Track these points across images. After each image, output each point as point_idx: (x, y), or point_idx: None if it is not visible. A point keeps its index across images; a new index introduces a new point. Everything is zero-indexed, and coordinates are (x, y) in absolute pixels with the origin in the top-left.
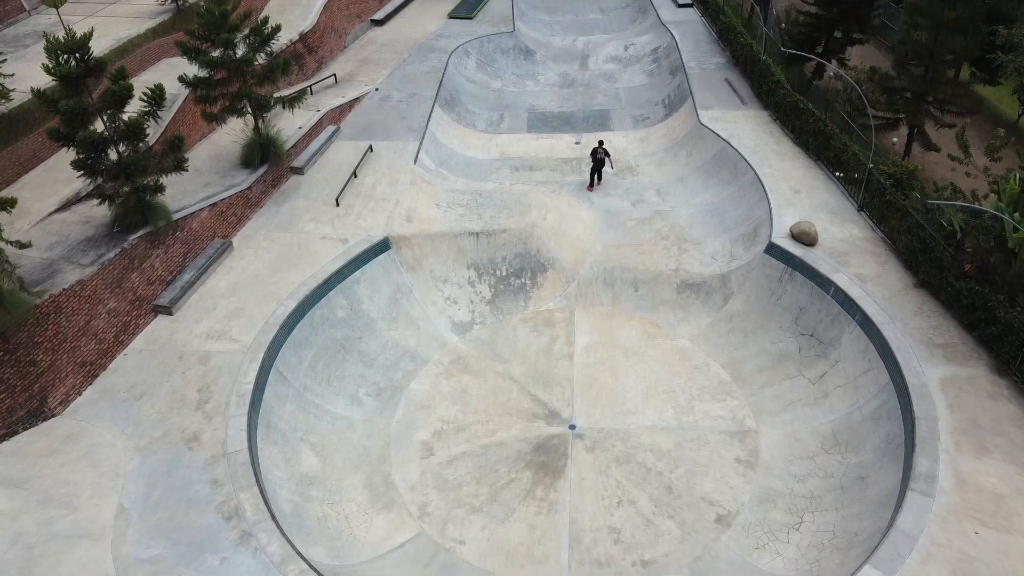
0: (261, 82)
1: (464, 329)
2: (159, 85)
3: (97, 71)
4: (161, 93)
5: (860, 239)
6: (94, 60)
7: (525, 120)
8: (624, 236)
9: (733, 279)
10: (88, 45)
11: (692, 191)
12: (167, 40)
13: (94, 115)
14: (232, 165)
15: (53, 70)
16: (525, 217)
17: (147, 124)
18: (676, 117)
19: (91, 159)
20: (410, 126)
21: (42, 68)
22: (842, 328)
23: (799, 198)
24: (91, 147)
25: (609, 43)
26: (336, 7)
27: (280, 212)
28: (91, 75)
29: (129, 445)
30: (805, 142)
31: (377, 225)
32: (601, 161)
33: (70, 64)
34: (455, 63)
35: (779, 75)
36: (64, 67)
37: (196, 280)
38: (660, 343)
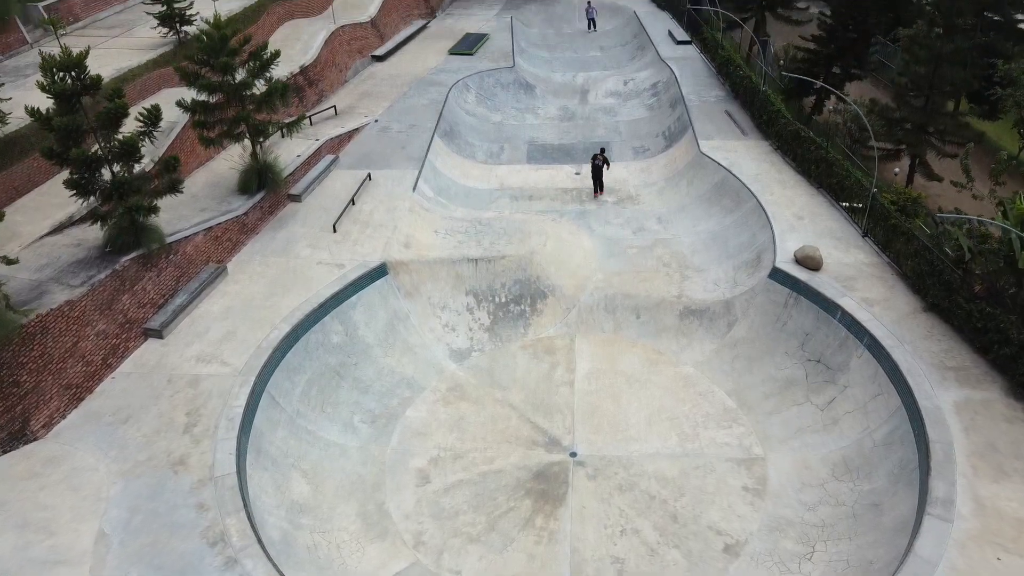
0: (259, 107)
1: (462, 356)
2: (155, 106)
3: (92, 89)
4: (157, 113)
5: (866, 264)
6: (90, 78)
7: (525, 152)
8: (625, 263)
9: (737, 305)
10: (84, 63)
11: (694, 219)
12: (167, 71)
13: (88, 133)
14: (229, 191)
15: (48, 87)
16: (525, 244)
17: (142, 144)
18: (677, 148)
19: (84, 178)
20: (409, 155)
21: (36, 85)
22: (850, 353)
23: (802, 224)
24: (84, 166)
25: (609, 78)
26: (337, 42)
27: (276, 238)
28: (86, 93)
29: (112, 469)
30: (807, 170)
31: (374, 251)
32: (599, 168)
33: (65, 81)
34: (455, 96)
35: (779, 105)
36: (59, 84)
37: (188, 304)
38: (663, 370)
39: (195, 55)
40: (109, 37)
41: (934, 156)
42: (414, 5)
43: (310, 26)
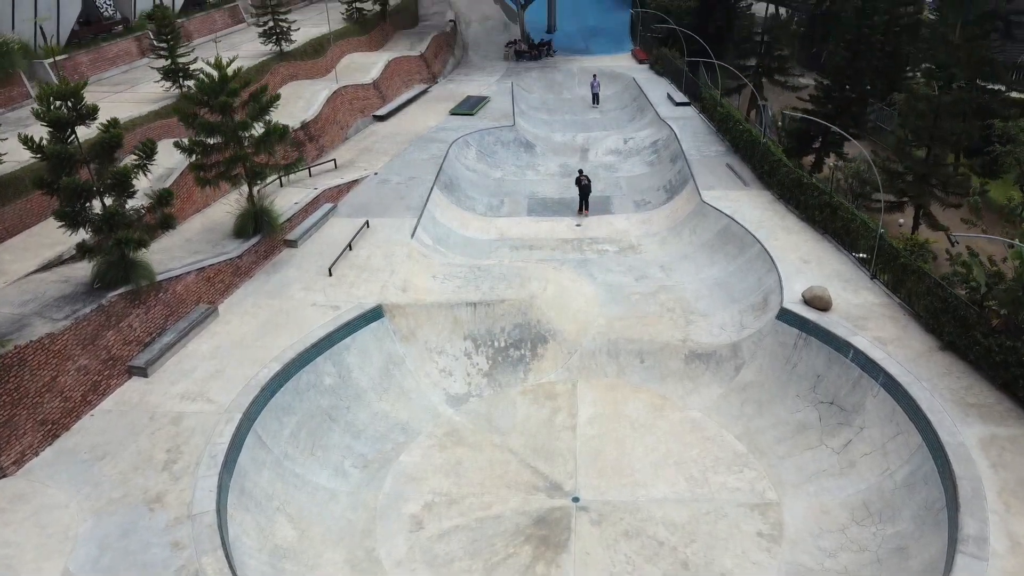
0: (257, 148)
1: (459, 401)
2: (150, 140)
3: (88, 118)
4: (152, 147)
5: (876, 304)
6: (85, 107)
7: (525, 205)
8: (628, 309)
9: (744, 348)
10: (81, 93)
11: (697, 267)
12: (169, 121)
13: (81, 164)
14: (224, 236)
15: (43, 115)
16: (525, 288)
17: (135, 176)
18: (678, 199)
19: (74, 209)
20: (408, 205)
21: (32, 113)
22: (865, 392)
23: (808, 267)
24: (75, 195)
25: (608, 137)
26: (339, 101)
27: (270, 281)
28: (81, 122)
29: (84, 506)
30: (811, 216)
31: (370, 294)
32: (587, 188)
33: (61, 110)
34: (455, 152)
35: (780, 154)
36: (54, 112)
37: (176, 343)
38: (669, 415)
39: (194, 96)
40: (113, 92)
41: (938, 207)
42: (416, 70)
43: (313, 86)
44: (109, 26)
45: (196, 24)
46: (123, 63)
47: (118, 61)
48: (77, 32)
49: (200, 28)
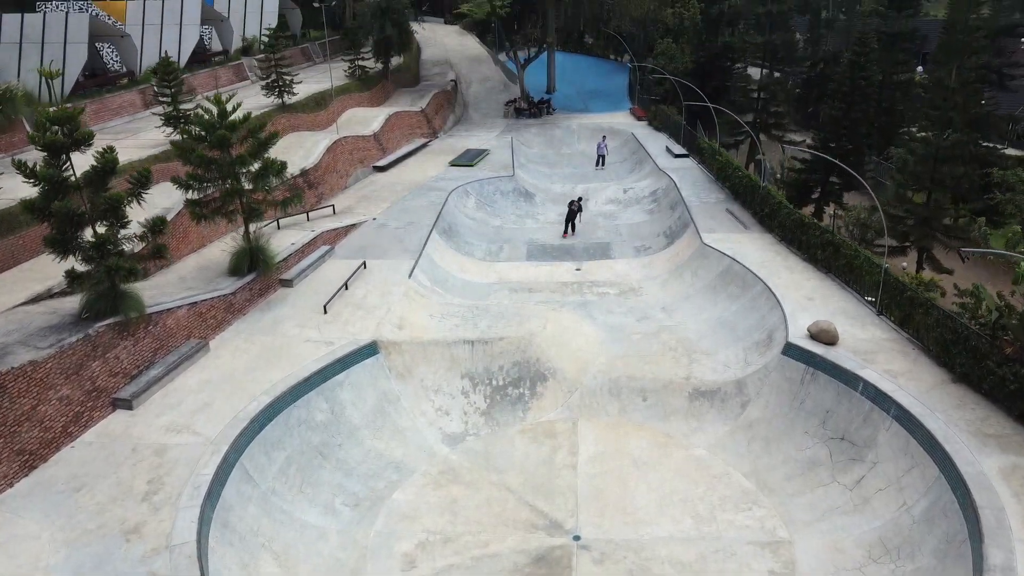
0: (254, 184)
1: (456, 440)
2: (146, 168)
3: (83, 143)
4: (147, 175)
5: (884, 339)
6: (81, 133)
7: (524, 251)
8: (629, 348)
9: (750, 384)
10: (77, 120)
11: (699, 307)
12: (169, 165)
13: (74, 189)
14: (219, 274)
15: (37, 139)
16: (524, 326)
17: (128, 204)
18: (679, 243)
19: (65, 235)
20: (406, 248)
21: (28, 138)
22: (876, 426)
23: (813, 304)
24: (67, 220)
25: (608, 188)
26: (339, 151)
27: (263, 319)
28: (76, 147)
29: (57, 537)
30: (813, 256)
31: (366, 331)
32: (574, 213)
33: (56, 135)
34: (455, 200)
35: (780, 197)
36: (50, 136)
37: (164, 376)
38: (673, 453)
39: (192, 130)
40: (114, 139)
41: (941, 250)
42: (416, 125)
43: (313, 136)
44: (114, 78)
45: (201, 80)
46: (126, 114)
47: (121, 112)
48: (82, 83)
49: (204, 84)
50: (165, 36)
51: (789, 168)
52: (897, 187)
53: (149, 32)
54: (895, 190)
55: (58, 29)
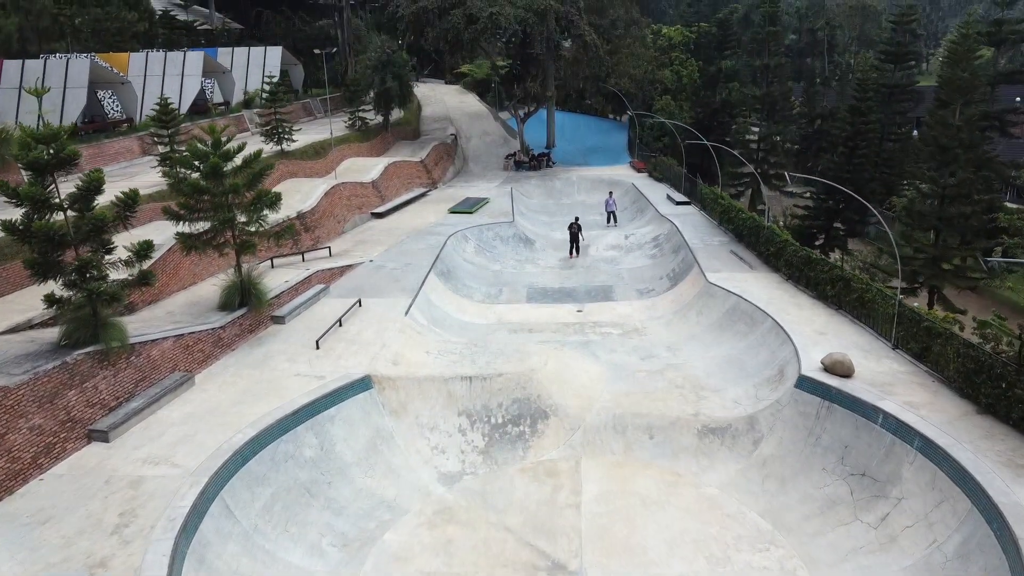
0: (247, 214)
1: (452, 480)
2: (134, 189)
3: (68, 163)
4: (135, 196)
5: (901, 372)
6: (67, 152)
7: (524, 294)
8: (634, 385)
9: (762, 420)
10: (63, 138)
11: (706, 346)
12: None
13: (57, 209)
14: (208, 309)
15: (21, 157)
16: (524, 363)
17: (114, 225)
18: (683, 284)
19: (46, 257)
20: (403, 287)
21: (11, 157)
22: (900, 460)
23: (825, 339)
24: (47, 241)
25: (609, 234)
26: (337, 196)
27: (253, 353)
28: (61, 167)
29: (16, 571)
30: (823, 292)
31: (359, 365)
32: (575, 234)
33: (41, 154)
34: (453, 245)
35: (786, 235)
36: (34, 154)
37: (145, 408)
38: (683, 492)
39: (185, 160)
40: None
41: (952, 289)
42: (416, 175)
43: (311, 182)
44: (113, 124)
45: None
46: (124, 159)
47: (119, 157)
48: (80, 128)
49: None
50: (167, 86)
51: (792, 216)
52: (904, 227)
53: (151, 82)
54: (902, 230)
55: (59, 74)
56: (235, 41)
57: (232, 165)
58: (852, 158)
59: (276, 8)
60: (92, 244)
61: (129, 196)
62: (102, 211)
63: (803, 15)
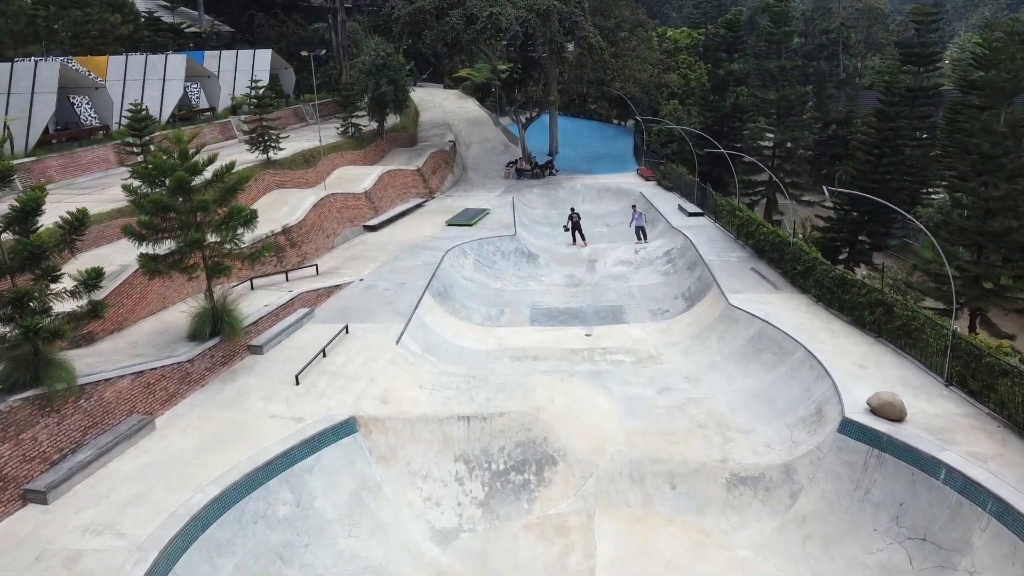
0: (220, 235)
1: (448, 538)
2: (83, 208)
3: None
4: (83, 217)
5: (959, 415)
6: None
7: (528, 315)
8: (651, 423)
9: (800, 469)
10: None
11: (729, 377)
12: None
13: None
14: (177, 339)
15: None
16: (528, 399)
17: (54, 249)
18: (700, 306)
19: None
20: (395, 311)
21: None
22: (969, 525)
23: (867, 373)
24: None
25: (617, 249)
26: (327, 208)
27: (225, 390)
28: None
29: None
30: (860, 317)
31: (343, 404)
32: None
33: None
34: (451, 261)
35: (814, 252)
36: None
37: (94, 460)
38: (711, 554)
39: (148, 173)
40: (78, 195)
41: (999, 312)
42: (412, 184)
43: (299, 193)
44: (88, 132)
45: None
46: (98, 169)
47: (92, 167)
48: (53, 136)
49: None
50: (147, 91)
51: (812, 227)
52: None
53: (131, 87)
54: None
55: (26, 78)
56: (226, 44)
57: (202, 179)
58: (878, 166)
59: (269, 10)
60: (32, 272)
61: (76, 217)
62: (41, 236)
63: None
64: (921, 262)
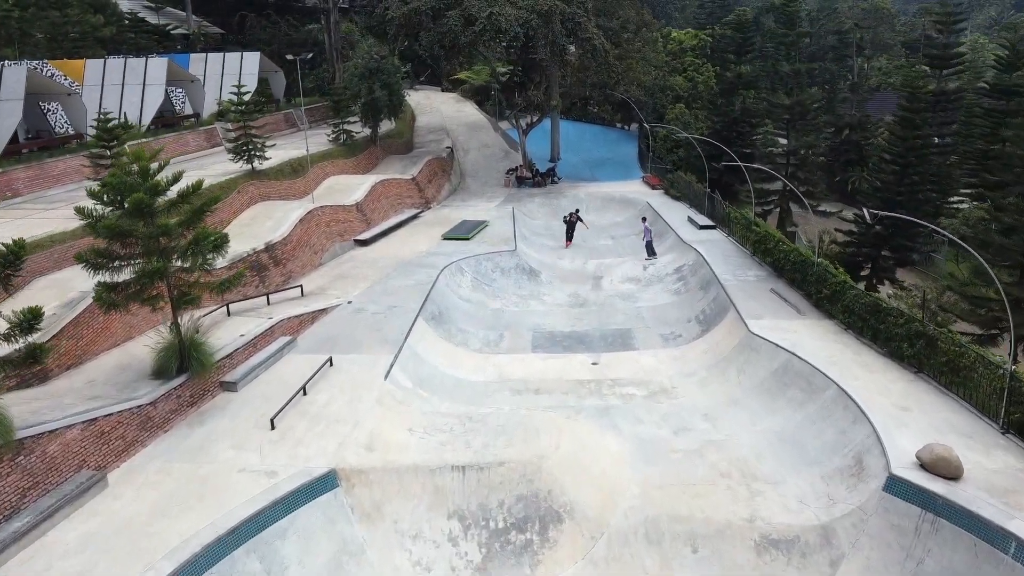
0: (185, 260)
1: None
2: (18, 240)
3: None
4: (19, 250)
5: (1021, 470)
6: None
7: (529, 339)
8: (668, 472)
9: (840, 532)
10: None
11: (753, 415)
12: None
13: None
14: (140, 376)
15: None
16: (531, 445)
17: None
18: (717, 331)
19: None
20: (385, 338)
21: None
22: None
23: (910, 417)
24: None
25: (624, 264)
26: (314, 222)
27: (191, 436)
28: None
29: None
30: (897, 350)
31: (323, 453)
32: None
33: None
34: (447, 279)
35: (842, 275)
36: None
37: (31, 529)
38: None
39: (103, 194)
40: (45, 209)
41: None
42: (406, 194)
43: (285, 206)
44: (61, 141)
45: (166, 145)
46: (70, 181)
47: (64, 179)
48: (23, 145)
49: (170, 149)
50: (127, 97)
51: (832, 241)
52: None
53: (109, 92)
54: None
55: None
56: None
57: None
58: (904, 177)
59: (261, 11)
60: None
61: (12, 249)
62: None
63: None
64: (954, 282)
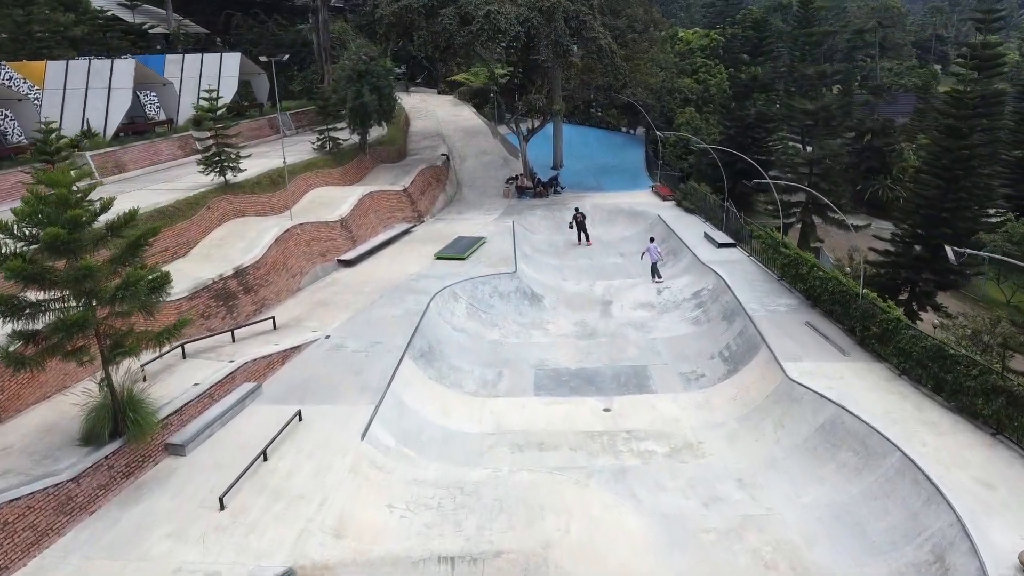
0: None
1: None
2: None
3: None
4: None
5: None
6: None
7: (531, 379)
8: (701, 562)
9: None
10: None
11: (796, 483)
12: None
13: None
14: (66, 441)
15: None
16: (534, 529)
17: None
18: (746, 373)
19: None
20: (364, 384)
21: None
22: None
23: (998, 497)
24: None
25: (636, 287)
26: (293, 242)
27: (122, 520)
28: None
29: None
30: (968, 405)
31: (280, 545)
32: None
33: None
34: (439, 307)
35: (894, 311)
36: None
37: None
38: None
39: (13, 227)
40: None
41: None
42: (397, 207)
43: (261, 223)
44: (13, 150)
45: (135, 154)
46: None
47: (14, 194)
48: None
49: (140, 159)
50: (91, 101)
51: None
52: None
53: (72, 96)
54: None
55: None
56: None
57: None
58: (949, 192)
59: (248, 10)
60: None
61: None
62: None
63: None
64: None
